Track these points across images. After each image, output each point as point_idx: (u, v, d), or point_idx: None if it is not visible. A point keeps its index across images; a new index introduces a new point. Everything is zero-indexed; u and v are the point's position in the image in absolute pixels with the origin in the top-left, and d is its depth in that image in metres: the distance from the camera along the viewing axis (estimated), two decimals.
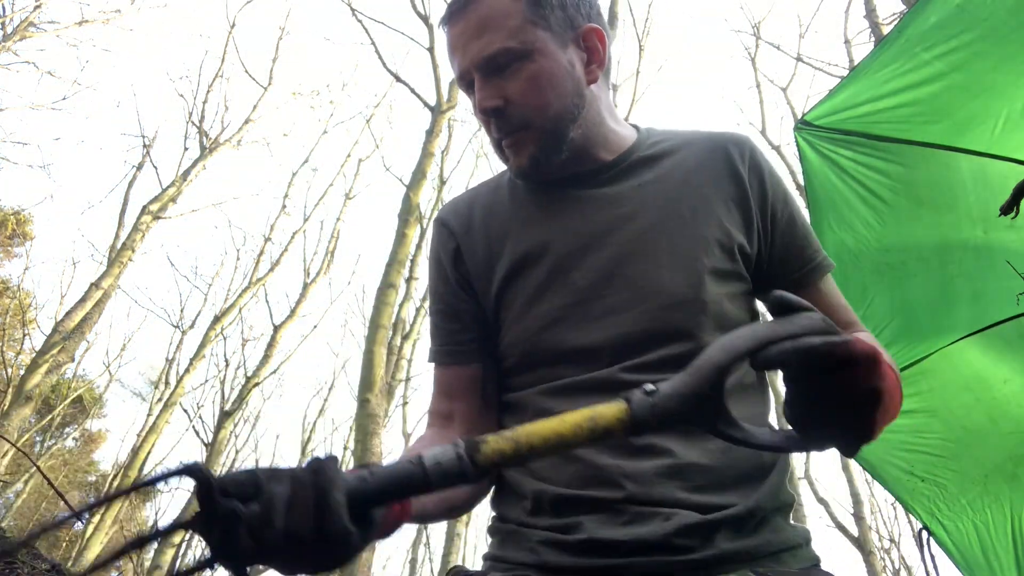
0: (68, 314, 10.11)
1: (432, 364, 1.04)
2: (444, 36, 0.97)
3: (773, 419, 0.95)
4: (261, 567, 0.56)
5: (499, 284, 0.97)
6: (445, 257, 1.02)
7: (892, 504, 14.06)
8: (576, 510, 0.83)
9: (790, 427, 0.63)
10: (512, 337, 0.95)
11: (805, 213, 1.03)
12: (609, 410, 0.59)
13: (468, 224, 1.02)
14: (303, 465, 0.56)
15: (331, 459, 0.56)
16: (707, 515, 0.80)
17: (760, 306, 1.00)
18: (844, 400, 0.59)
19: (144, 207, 11.39)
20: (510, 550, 0.87)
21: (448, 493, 0.63)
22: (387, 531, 0.65)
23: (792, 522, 0.89)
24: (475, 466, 0.58)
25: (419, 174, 8.63)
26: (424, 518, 0.83)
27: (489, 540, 0.94)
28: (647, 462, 0.83)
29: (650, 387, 0.60)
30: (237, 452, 17.64)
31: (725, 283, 0.92)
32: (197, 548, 17.38)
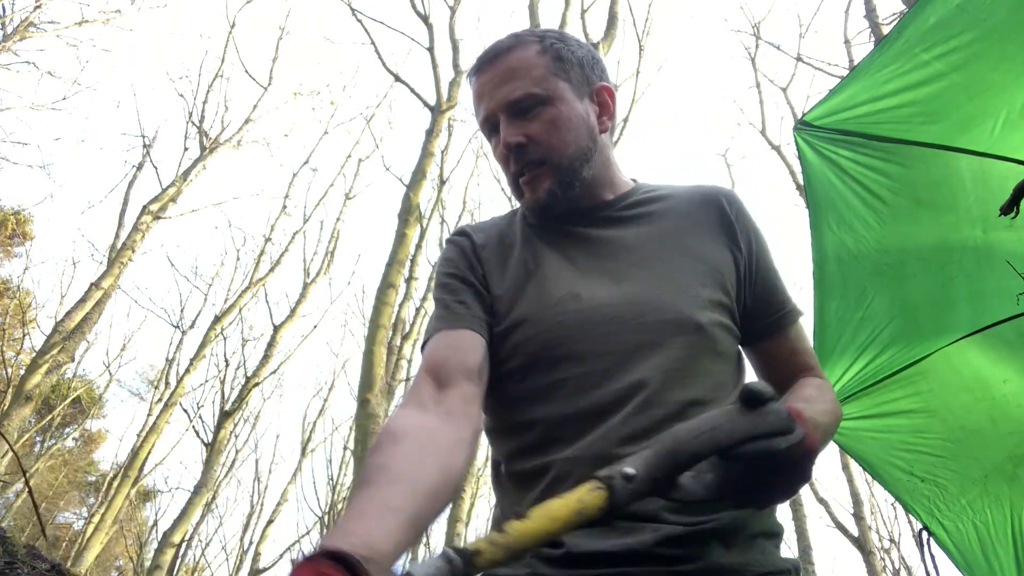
0: (68, 314, 10.10)
1: (433, 337, 0.99)
2: (471, 86, 1.06)
3: None
4: None
5: (508, 302, 1.01)
6: (472, 254, 1.07)
7: (892, 504, 14.06)
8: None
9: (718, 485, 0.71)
10: (515, 341, 0.98)
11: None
12: (592, 499, 0.63)
13: (486, 240, 1.10)
14: None
15: None
16: (693, 527, 0.83)
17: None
18: (783, 481, 0.71)
19: (144, 207, 11.39)
20: (502, 569, 0.90)
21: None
22: None
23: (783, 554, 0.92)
24: None
25: (419, 174, 8.63)
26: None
27: None
28: None
29: (629, 471, 0.64)
30: (237, 452, 17.64)
31: (718, 314, 0.98)
32: (197, 548, 17.40)
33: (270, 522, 16.40)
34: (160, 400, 14.45)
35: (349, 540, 0.63)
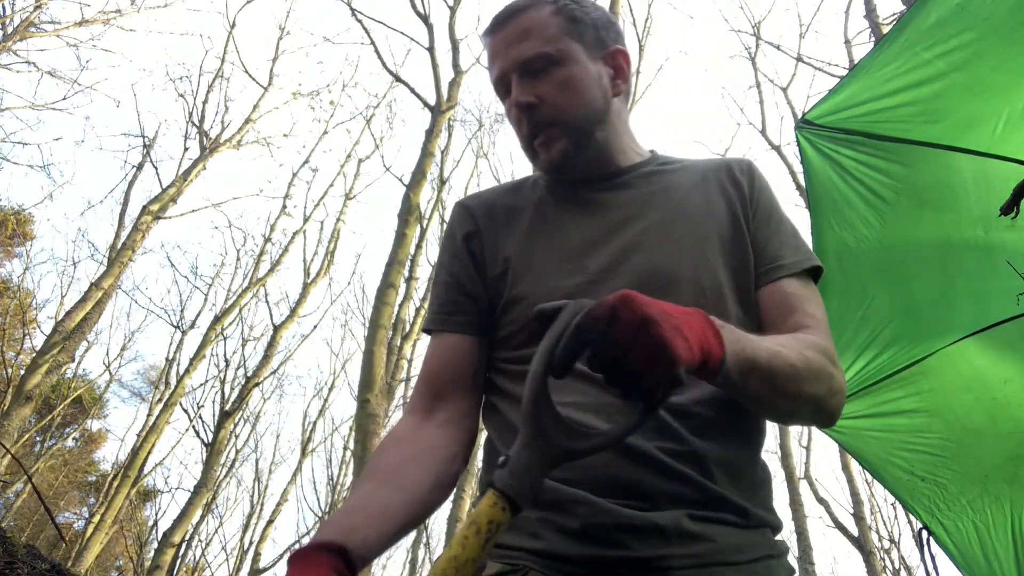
0: (68, 314, 10.11)
1: (431, 339, 1.06)
2: (486, 46, 1.06)
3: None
4: None
5: (514, 265, 1.02)
6: (460, 232, 1.09)
7: (892, 504, 14.07)
8: (574, 500, 0.83)
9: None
10: (522, 310, 0.99)
11: (798, 221, 1.10)
12: (482, 504, 0.62)
13: (489, 210, 1.10)
14: None
15: None
16: (705, 510, 0.84)
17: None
18: (634, 343, 0.64)
19: (144, 207, 11.40)
20: (506, 536, 0.85)
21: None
22: None
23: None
24: None
25: (419, 174, 8.63)
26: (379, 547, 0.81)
27: None
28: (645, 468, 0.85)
29: (501, 459, 0.65)
30: (237, 452, 17.66)
31: (722, 274, 0.98)
32: (197, 548, 17.39)
33: (270, 522, 16.41)
34: (160, 400, 14.46)
35: (330, 530, 0.76)
